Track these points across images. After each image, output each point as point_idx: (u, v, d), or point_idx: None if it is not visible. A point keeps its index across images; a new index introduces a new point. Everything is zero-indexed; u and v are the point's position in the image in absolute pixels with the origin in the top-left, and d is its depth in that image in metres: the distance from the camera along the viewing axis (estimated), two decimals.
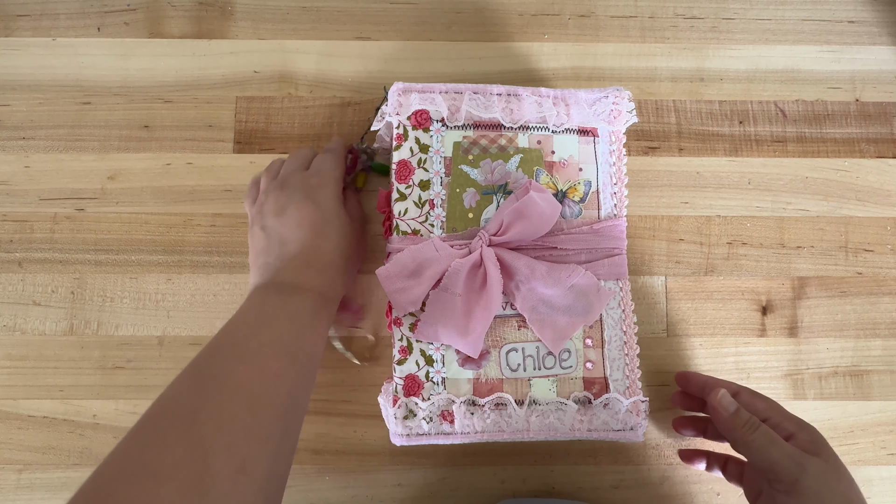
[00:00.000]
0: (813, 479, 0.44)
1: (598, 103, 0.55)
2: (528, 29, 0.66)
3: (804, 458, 0.45)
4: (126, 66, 0.64)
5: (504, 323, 0.52)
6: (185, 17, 0.65)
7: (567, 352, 0.52)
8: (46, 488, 0.59)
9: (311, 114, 0.64)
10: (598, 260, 0.53)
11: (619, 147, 0.56)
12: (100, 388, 0.60)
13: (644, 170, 0.64)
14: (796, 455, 0.45)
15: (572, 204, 0.53)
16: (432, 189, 0.53)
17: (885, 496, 0.60)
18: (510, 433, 0.51)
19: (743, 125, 0.65)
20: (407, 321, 0.52)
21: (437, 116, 0.53)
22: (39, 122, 0.63)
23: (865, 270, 0.63)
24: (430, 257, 0.51)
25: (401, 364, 0.52)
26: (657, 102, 0.65)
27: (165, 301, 0.61)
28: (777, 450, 0.45)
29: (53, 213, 0.62)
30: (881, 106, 0.65)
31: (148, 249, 0.62)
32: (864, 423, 0.61)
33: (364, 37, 0.65)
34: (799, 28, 0.66)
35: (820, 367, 0.61)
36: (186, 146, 0.63)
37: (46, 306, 0.61)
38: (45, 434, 0.60)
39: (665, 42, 0.66)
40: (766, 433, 0.47)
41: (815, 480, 0.44)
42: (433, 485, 0.60)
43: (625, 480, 0.60)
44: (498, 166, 0.53)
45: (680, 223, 0.63)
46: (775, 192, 0.64)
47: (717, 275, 0.62)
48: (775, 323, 0.62)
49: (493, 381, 0.52)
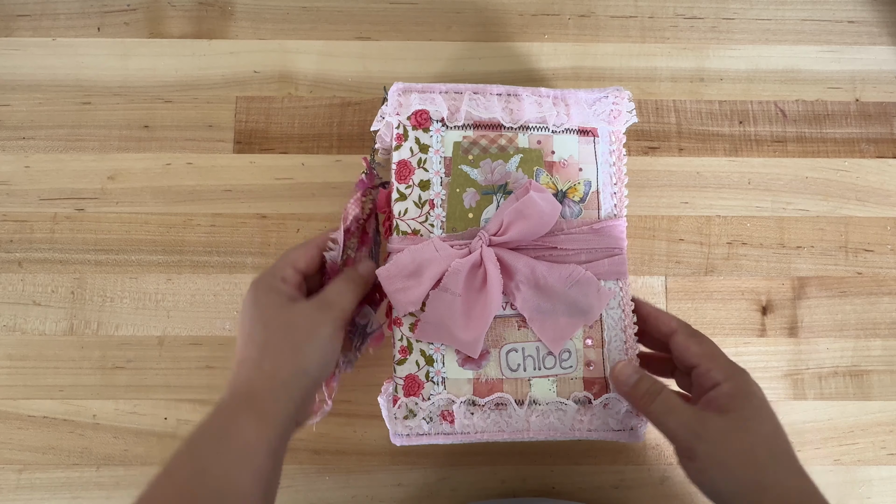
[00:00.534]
0: (708, 444, 0.42)
1: (598, 103, 0.55)
2: (528, 29, 0.66)
3: (700, 424, 0.43)
4: (126, 66, 0.64)
5: (504, 323, 0.52)
6: (185, 17, 0.65)
7: (567, 352, 0.52)
8: (46, 488, 0.59)
9: (311, 114, 0.64)
10: (598, 260, 0.53)
11: (619, 147, 0.56)
12: (100, 388, 0.60)
13: (644, 170, 0.64)
14: (692, 422, 0.43)
15: (572, 204, 0.53)
16: (432, 189, 0.53)
17: (885, 496, 0.60)
18: (510, 433, 0.51)
19: (743, 125, 0.65)
20: (407, 321, 0.52)
21: (437, 116, 0.53)
22: (39, 122, 0.63)
23: (865, 270, 0.63)
24: (430, 257, 0.51)
25: (401, 364, 0.52)
26: (657, 102, 0.65)
27: (165, 301, 0.61)
28: (673, 418, 0.44)
29: (53, 213, 0.62)
30: (881, 106, 0.65)
31: (148, 249, 0.62)
32: (864, 423, 0.61)
33: (364, 37, 0.65)
34: (799, 28, 0.66)
35: (820, 367, 0.62)
36: (186, 146, 0.63)
37: (46, 306, 0.61)
38: (45, 434, 0.60)
39: (665, 42, 0.66)
40: (664, 401, 0.45)
41: (710, 445, 0.42)
42: (433, 485, 0.60)
43: (625, 480, 0.60)
44: (498, 166, 0.53)
45: (680, 223, 0.63)
46: (775, 192, 0.64)
47: (717, 275, 0.62)
48: (775, 323, 0.62)
49: (494, 381, 0.52)
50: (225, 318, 0.61)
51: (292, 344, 0.44)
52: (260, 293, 0.46)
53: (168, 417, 0.60)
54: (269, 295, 0.46)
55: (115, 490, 0.59)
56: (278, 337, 0.44)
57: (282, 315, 0.45)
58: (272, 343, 0.44)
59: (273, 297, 0.46)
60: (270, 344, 0.44)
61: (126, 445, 0.60)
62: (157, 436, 0.60)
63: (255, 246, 0.62)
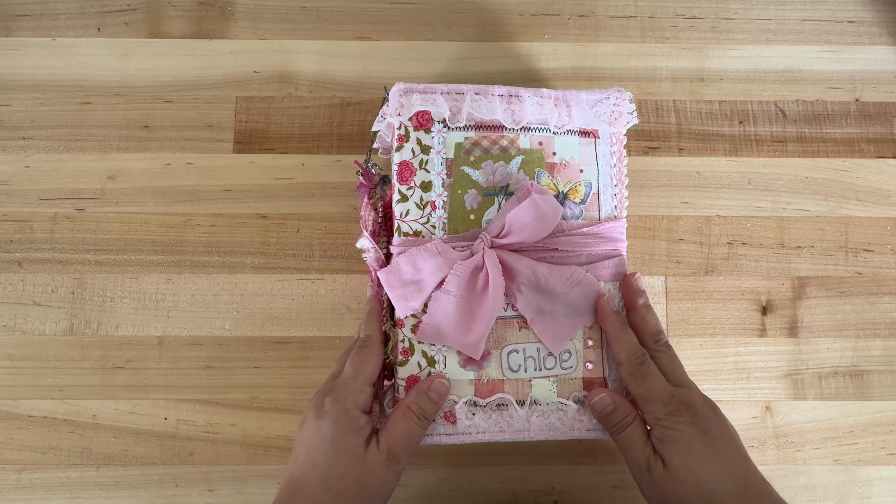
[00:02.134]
0: (659, 474, 0.47)
1: (600, 104, 0.55)
2: (528, 29, 0.66)
3: (648, 466, 0.47)
4: (126, 66, 0.64)
5: (505, 324, 0.52)
6: (185, 17, 0.65)
7: (568, 352, 0.52)
8: (46, 488, 0.59)
9: (311, 114, 0.64)
10: (598, 261, 0.53)
11: (620, 148, 0.56)
12: (100, 388, 0.60)
13: (644, 170, 0.64)
14: (643, 461, 0.48)
15: (573, 205, 0.53)
16: (434, 190, 0.53)
17: (885, 496, 0.60)
18: (511, 433, 0.51)
19: (743, 125, 0.65)
20: (409, 323, 0.52)
21: (438, 117, 0.53)
22: (39, 122, 0.63)
23: (865, 270, 0.63)
24: (431, 259, 0.51)
25: (402, 365, 0.52)
26: (657, 102, 0.65)
27: (165, 301, 0.61)
28: (629, 455, 0.49)
29: (53, 213, 0.62)
30: (881, 106, 0.65)
31: (148, 249, 0.62)
32: (864, 423, 0.61)
33: (364, 37, 0.65)
34: (799, 28, 0.66)
35: (820, 367, 0.62)
36: (186, 146, 0.63)
37: (46, 306, 0.61)
38: (45, 434, 0.60)
39: (665, 42, 0.66)
40: (629, 436, 0.49)
41: (661, 475, 0.47)
42: (433, 485, 0.60)
43: (625, 480, 0.60)
44: (499, 167, 0.53)
45: (680, 223, 0.63)
46: (775, 192, 0.64)
47: (717, 275, 0.63)
48: (775, 323, 0.62)
49: (495, 382, 0.52)
50: (225, 318, 0.61)
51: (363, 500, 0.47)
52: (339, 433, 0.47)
53: (168, 417, 0.60)
54: (348, 438, 0.47)
55: (115, 490, 0.59)
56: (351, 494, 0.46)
57: (356, 470, 0.47)
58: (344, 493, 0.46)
59: (351, 440, 0.47)
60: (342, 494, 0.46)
61: (126, 445, 0.60)
62: (157, 436, 0.60)
63: (255, 246, 0.62)
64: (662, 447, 0.47)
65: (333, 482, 0.46)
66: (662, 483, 0.47)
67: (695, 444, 0.47)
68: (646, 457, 0.48)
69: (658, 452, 0.48)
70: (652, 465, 0.47)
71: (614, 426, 0.50)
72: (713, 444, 0.47)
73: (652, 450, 0.48)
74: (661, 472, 0.47)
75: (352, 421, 0.47)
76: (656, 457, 0.48)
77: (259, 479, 0.59)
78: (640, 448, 0.48)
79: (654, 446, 0.48)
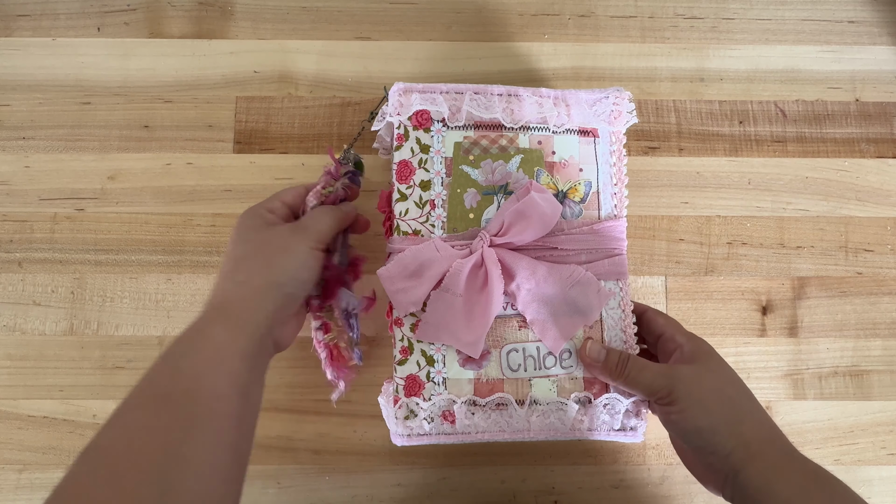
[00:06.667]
0: (684, 384, 0.46)
1: (599, 104, 0.55)
2: (528, 29, 0.66)
3: (672, 370, 0.48)
4: (126, 66, 0.64)
5: (505, 323, 0.52)
6: (185, 17, 0.65)
7: (567, 352, 0.52)
8: (46, 488, 0.59)
9: (311, 114, 0.64)
10: (598, 260, 0.53)
11: (620, 147, 0.56)
12: (100, 388, 0.60)
13: (644, 170, 0.64)
14: (664, 370, 0.48)
15: (573, 204, 0.53)
16: (433, 189, 0.53)
17: (885, 496, 0.60)
18: (511, 433, 0.51)
19: (743, 125, 0.65)
20: (408, 322, 0.52)
21: (437, 117, 0.53)
22: (39, 122, 0.63)
23: (865, 270, 0.63)
24: (431, 258, 0.51)
25: (401, 364, 0.52)
26: (657, 102, 0.65)
27: (165, 301, 0.61)
28: (648, 373, 0.48)
29: (53, 213, 0.62)
30: (881, 106, 0.65)
31: (148, 249, 0.62)
32: (864, 423, 0.61)
33: (364, 37, 0.65)
34: (799, 28, 0.66)
35: (820, 367, 0.62)
36: (186, 146, 0.63)
37: (46, 306, 0.61)
38: (45, 434, 0.60)
39: (665, 42, 0.66)
40: (636, 362, 0.49)
41: (686, 384, 0.46)
42: (433, 485, 0.60)
43: (625, 480, 0.60)
44: (499, 167, 0.53)
45: (680, 223, 0.63)
46: (775, 192, 0.64)
47: (717, 275, 0.62)
48: (775, 323, 0.62)
49: (494, 382, 0.52)
50: None
51: (265, 257, 0.47)
52: (245, 218, 0.50)
53: None
54: (253, 219, 0.49)
55: None
56: (252, 252, 0.47)
57: (259, 235, 0.48)
58: (247, 257, 0.47)
59: (255, 220, 0.49)
60: (245, 258, 0.47)
61: None
62: None
63: None
64: (694, 356, 0.49)
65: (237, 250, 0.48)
66: (700, 377, 0.47)
67: (723, 360, 0.49)
68: (669, 367, 0.48)
69: (685, 362, 0.49)
70: (680, 370, 0.48)
71: (616, 364, 0.49)
72: (725, 369, 0.49)
73: (662, 372, 0.48)
74: (694, 371, 0.47)
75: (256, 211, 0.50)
76: (680, 365, 0.48)
77: (259, 479, 0.59)
78: (655, 365, 0.49)
79: (677, 360, 0.49)
